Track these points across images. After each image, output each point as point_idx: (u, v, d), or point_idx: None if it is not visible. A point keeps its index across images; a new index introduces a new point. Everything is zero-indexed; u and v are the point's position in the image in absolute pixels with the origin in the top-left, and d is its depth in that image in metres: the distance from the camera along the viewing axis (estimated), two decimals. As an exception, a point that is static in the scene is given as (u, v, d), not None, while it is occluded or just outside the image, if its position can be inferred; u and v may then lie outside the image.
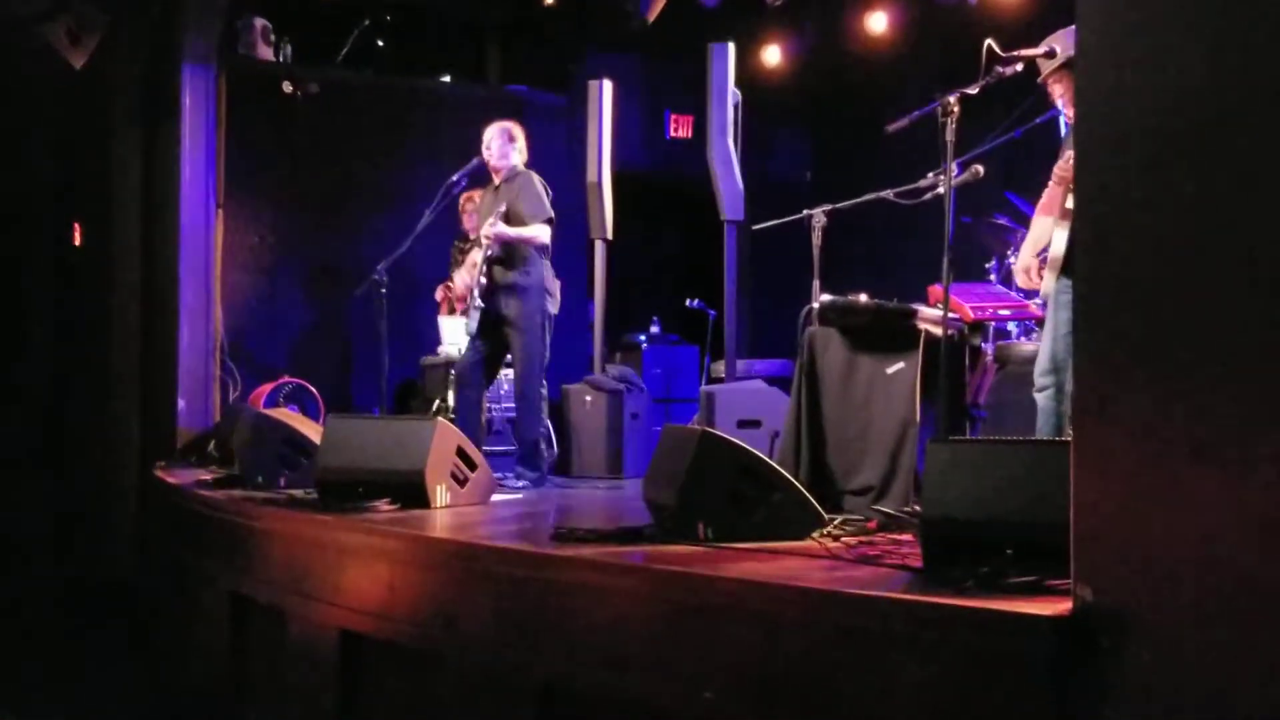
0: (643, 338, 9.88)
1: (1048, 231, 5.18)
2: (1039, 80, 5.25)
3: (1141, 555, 2.74)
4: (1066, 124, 5.44)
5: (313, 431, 6.85)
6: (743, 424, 7.04)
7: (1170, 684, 2.68)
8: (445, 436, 5.87)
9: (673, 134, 11.29)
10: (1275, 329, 2.56)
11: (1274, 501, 2.50)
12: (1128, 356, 2.80)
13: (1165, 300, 2.75)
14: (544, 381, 7.61)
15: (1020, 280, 5.52)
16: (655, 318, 10.16)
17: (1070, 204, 4.76)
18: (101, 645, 8.14)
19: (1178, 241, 2.74)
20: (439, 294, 9.13)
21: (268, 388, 9.08)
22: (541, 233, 7.43)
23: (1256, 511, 2.53)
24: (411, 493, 5.68)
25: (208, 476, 7.34)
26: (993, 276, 7.19)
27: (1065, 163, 4.97)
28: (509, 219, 7.40)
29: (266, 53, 9.88)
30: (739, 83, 8.65)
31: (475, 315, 7.41)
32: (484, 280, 7.36)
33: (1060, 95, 5.18)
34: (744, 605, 3.54)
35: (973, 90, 5.04)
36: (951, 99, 5.02)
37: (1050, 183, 5.23)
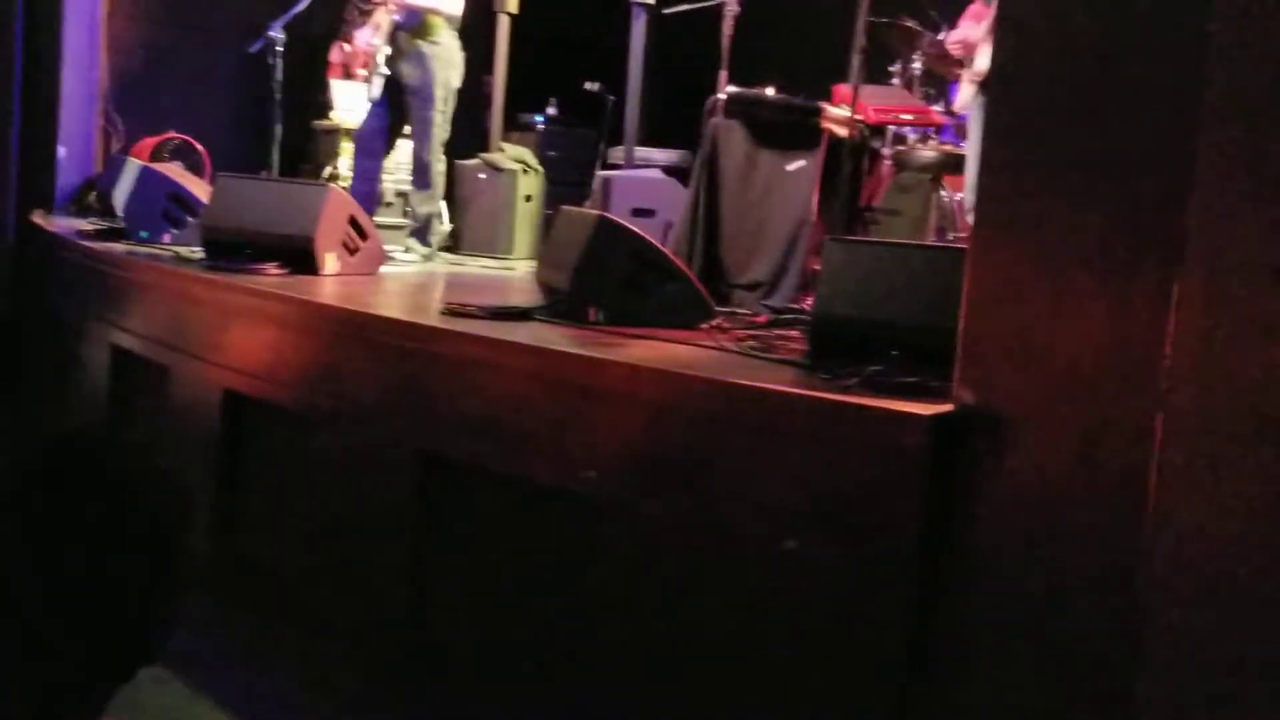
0: (540, 118, 9.69)
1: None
2: None
3: (1024, 364, 2.81)
4: None
5: (198, 189, 6.70)
6: (637, 212, 6.99)
7: (1037, 489, 2.77)
8: (337, 203, 5.77)
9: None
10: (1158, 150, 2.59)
11: (1151, 320, 2.57)
12: (1032, 167, 2.83)
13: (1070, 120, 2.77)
14: (442, 156, 7.48)
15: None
16: (553, 99, 9.93)
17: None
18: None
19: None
20: (334, 55, 8.86)
21: (152, 141, 8.78)
22: (451, 3, 7.22)
23: (1136, 329, 2.60)
24: (300, 257, 5.58)
25: (88, 227, 7.16)
26: (895, 80, 7.14)
27: None
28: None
29: None
30: None
31: (378, 81, 7.22)
32: (388, 46, 7.16)
33: None
34: (629, 389, 3.57)
35: None
36: None
37: None
